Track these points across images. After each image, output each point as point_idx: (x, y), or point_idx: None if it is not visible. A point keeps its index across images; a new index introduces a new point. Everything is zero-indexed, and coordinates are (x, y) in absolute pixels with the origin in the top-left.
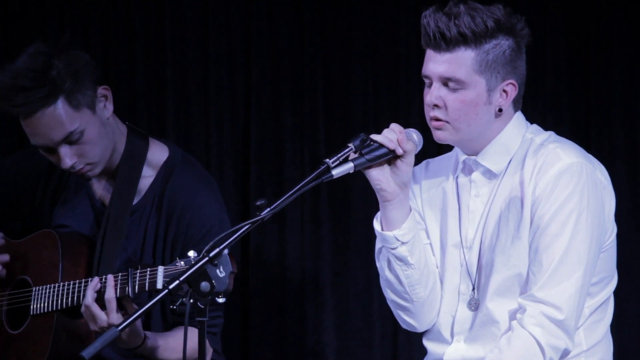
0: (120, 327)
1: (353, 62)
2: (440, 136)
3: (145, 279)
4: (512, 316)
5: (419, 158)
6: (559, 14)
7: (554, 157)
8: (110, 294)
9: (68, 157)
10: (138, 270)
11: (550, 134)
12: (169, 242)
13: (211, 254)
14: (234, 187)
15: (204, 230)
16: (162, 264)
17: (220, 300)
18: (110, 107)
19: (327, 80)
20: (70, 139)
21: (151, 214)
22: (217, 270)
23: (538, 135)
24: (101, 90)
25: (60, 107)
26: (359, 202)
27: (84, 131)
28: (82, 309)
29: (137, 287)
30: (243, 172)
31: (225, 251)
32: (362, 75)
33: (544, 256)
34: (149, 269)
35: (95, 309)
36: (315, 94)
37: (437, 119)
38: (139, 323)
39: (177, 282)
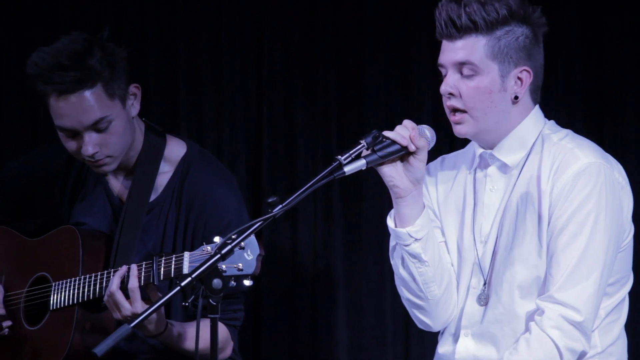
0: (133, 324)
1: (365, 58)
2: (460, 130)
3: (170, 266)
4: (530, 317)
5: (432, 155)
6: (572, 7)
7: (572, 157)
8: (134, 284)
9: (91, 145)
10: (163, 258)
11: (568, 132)
12: (188, 237)
13: (223, 251)
14: (246, 184)
15: (223, 223)
16: None
17: (247, 283)
18: (137, 106)
19: (339, 77)
20: (98, 126)
21: (170, 209)
22: (245, 254)
23: (556, 132)
24: (132, 88)
25: (97, 92)
26: (371, 199)
27: (112, 121)
28: (106, 297)
29: (162, 274)
30: (255, 169)
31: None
32: (374, 72)
33: (562, 257)
34: (174, 255)
35: (120, 296)
36: (328, 91)
37: (456, 110)
38: (162, 311)
39: (188, 279)
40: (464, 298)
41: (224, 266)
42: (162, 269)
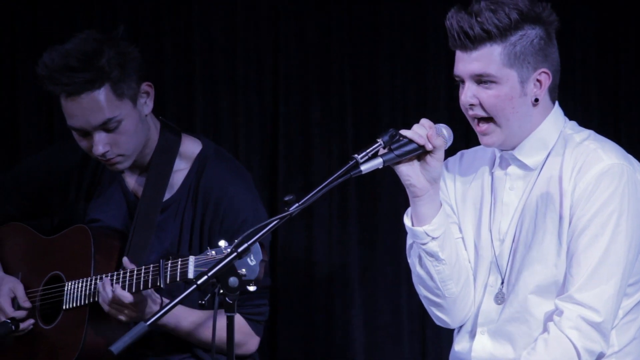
0: (149, 322)
1: (381, 56)
2: (488, 141)
3: (176, 270)
4: (548, 317)
5: (449, 153)
6: (588, 9)
7: (595, 157)
8: (113, 292)
9: (101, 144)
10: (169, 261)
11: (590, 133)
12: (205, 234)
13: (239, 250)
14: (262, 182)
15: (239, 220)
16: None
17: (251, 288)
18: (150, 104)
19: (355, 75)
20: (107, 126)
21: (187, 207)
22: (248, 259)
23: (578, 132)
24: (144, 87)
25: (104, 93)
26: (387, 198)
27: (121, 121)
28: (107, 308)
29: (168, 278)
30: (271, 168)
31: None
32: (390, 70)
33: (583, 257)
34: (180, 259)
35: (119, 292)
36: (343, 89)
37: (481, 119)
38: (150, 290)
39: (205, 277)
40: (481, 296)
41: None
42: (169, 272)
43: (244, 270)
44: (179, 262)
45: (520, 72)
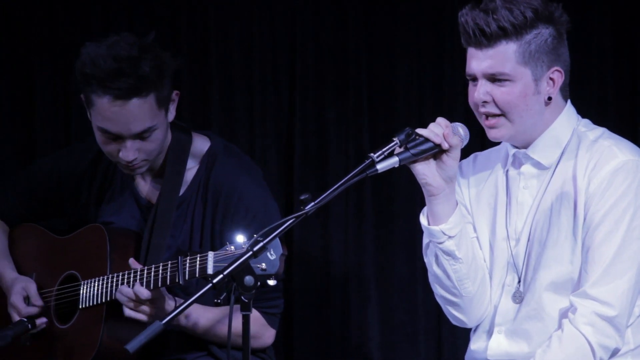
0: (164, 321)
1: (397, 55)
2: (496, 135)
3: (195, 266)
4: (563, 314)
5: (464, 152)
6: (605, 9)
7: (609, 154)
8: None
9: (132, 151)
10: (188, 258)
11: (604, 131)
12: (216, 230)
13: (255, 248)
14: (278, 181)
15: (250, 216)
16: (212, 250)
17: (271, 282)
18: (174, 112)
19: (372, 73)
20: (143, 135)
21: (197, 203)
22: (268, 253)
23: (591, 130)
24: (173, 95)
25: (149, 101)
26: (403, 197)
27: (155, 130)
28: (127, 312)
29: (187, 274)
30: (287, 167)
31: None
32: (406, 68)
33: (597, 253)
34: (198, 255)
35: (138, 289)
36: (360, 88)
37: (490, 115)
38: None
39: (220, 276)
40: (499, 296)
41: None
42: (187, 269)
43: (264, 264)
44: (198, 258)
45: (535, 70)
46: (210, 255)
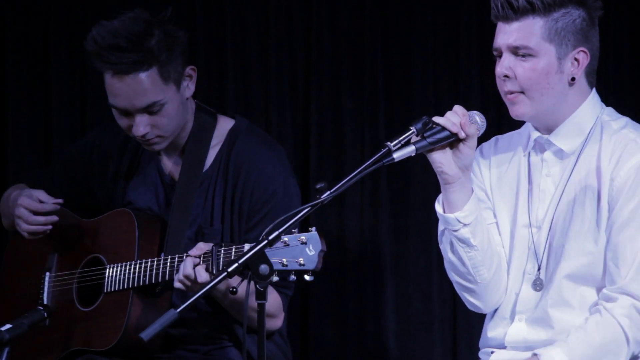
0: (179, 310)
1: (413, 44)
2: (517, 111)
3: (230, 256)
4: (585, 302)
5: (481, 141)
6: (623, 2)
7: (634, 147)
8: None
9: (142, 126)
10: (222, 248)
11: (628, 121)
12: (236, 206)
13: (270, 237)
14: (294, 170)
15: (269, 192)
16: (231, 229)
17: (308, 278)
18: (192, 87)
19: (388, 62)
20: (150, 109)
21: (218, 180)
22: (307, 249)
23: (615, 120)
24: (188, 70)
25: (152, 75)
26: (419, 186)
27: (165, 104)
28: (177, 283)
29: (221, 264)
30: (303, 155)
31: (314, 229)
32: (422, 57)
33: (629, 249)
34: (234, 246)
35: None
36: (376, 76)
37: (511, 92)
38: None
39: (235, 264)
40: (520, 283)
41: (284, 260)
42: (222, 259)
43: (302, 259)
44: (233, 249)
45: (559, 48)
46: (247, 247)
